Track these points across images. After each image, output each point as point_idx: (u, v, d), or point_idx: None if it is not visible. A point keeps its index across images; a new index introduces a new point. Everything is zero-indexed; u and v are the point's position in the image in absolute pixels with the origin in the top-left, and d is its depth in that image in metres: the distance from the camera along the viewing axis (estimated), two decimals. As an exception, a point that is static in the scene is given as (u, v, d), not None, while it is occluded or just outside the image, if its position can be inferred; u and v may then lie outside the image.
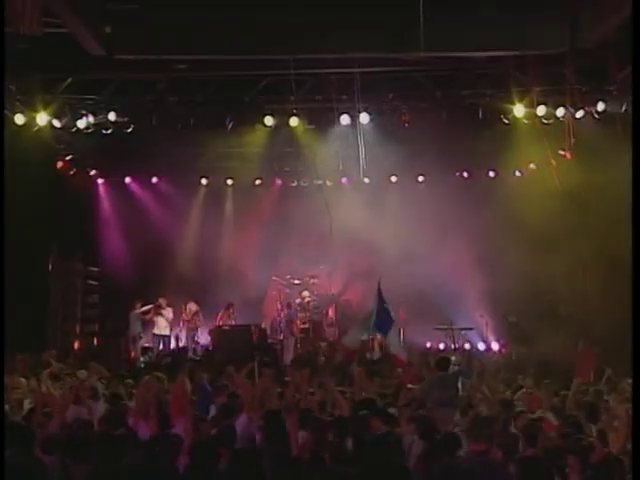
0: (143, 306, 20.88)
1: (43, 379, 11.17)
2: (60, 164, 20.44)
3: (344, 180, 22.04)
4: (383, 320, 16.45)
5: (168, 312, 20.93)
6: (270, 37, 13.60)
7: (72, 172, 21.14)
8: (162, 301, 20.88)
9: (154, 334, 20.81)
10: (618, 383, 11.98)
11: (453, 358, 17.91)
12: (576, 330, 17.43)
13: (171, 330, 21.16)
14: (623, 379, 12.18)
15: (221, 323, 21.33)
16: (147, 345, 20.82)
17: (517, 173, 21.54)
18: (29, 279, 17.38)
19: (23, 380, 11.62)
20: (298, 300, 21.77)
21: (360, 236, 21.97)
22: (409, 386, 11.96)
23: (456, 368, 14.91)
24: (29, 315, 17.30)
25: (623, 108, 15.96)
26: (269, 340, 21.26)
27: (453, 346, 20.00)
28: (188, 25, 13.45)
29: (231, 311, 21.58)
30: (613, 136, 16.01)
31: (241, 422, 9.06)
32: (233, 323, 21.37)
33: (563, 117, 16.69)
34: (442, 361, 12.25)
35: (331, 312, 22.09)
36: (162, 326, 20.86)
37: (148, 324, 21.01)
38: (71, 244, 20.74)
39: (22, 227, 15.64)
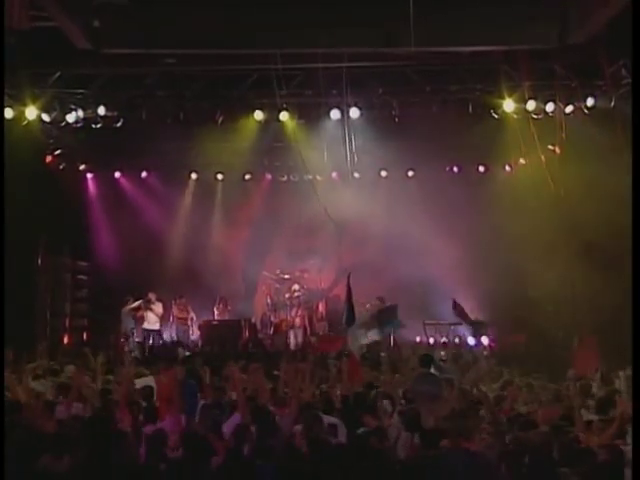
0: (135, 302, 20.83)
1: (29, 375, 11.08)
2: (49, 159, 20.37)
3: (334, 175, 22.03)
4: (349, 316, 16.57)
5: (158, 307, 20.88)
6: (260, 31, 13.55)
7: (61, 167, 21.08)
8: (152, 296, 20.83)
9: (144, 329, 20.77)
10: (610, 377, 12.03)
11: (442, 353, 18.06)
12: (565, 325, 17.53)
13: (161, 325, 21.11)
14: (613, 373, 12.26)
15: (217, 317, 21.34)
16: (137, 340, 20.78)
17: (507, 168, 21.58)
18: (17, 274, 17.29)
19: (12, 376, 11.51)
20: (288, 295, 21.77)
21: (350, 231, 22.03)
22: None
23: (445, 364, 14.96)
24: (17, 310, 17.21)
25: (612, 103, 16.00)
26: (259, 335, 21.29)
27: (443, 341, 20.10)
28: (177, 19, 13.39)
29: (228, 307, 21.62)
30: (602, 131, 16.07)
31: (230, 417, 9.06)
32: (227, 317, 21.42)
33: (553, 112, 16.73)
34: (424, 358, 12.26)
35: (321, 307, 22.12)
36: (152, 321, 20.82)
37: (139, 319, 20.94)
38: (60, 239, 20.68)
39: (10, 222, 15.55)
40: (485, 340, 20.67)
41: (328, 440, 7.95)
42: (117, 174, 22.66)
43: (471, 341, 20.69)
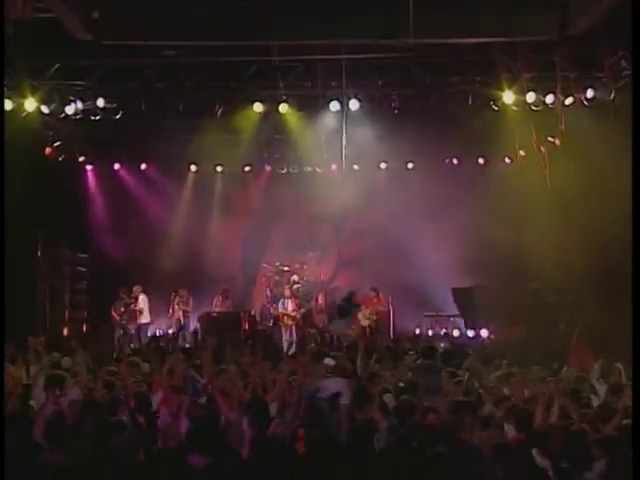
0: (125, 293, 20.56)
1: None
2: (49, 150, 20.33)
3: (333, 167, 21.97)
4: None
5: (143, 300, 20.53)
6: (259, 23, 13.53)
7: (61, 158, 21.05)
8: (136, 289, 20.44)
9: (137, 323, 20.58)
10: (607, 370, 12.02)
11: (442, 345, 18.10)
12: (565, 317, 17.53)
13: (151, 318, 20.83)
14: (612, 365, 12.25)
15: (217, 309, 21.27)
16: (131, 333, 20.66)
17: (507, 160, 21.56)
18: (16, 266, 17.27)
19: (11, 366, 11.52)
20: (287, 287, 21.77)
21: (349, 223, 22.06)
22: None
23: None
24: (16, 302, 17.19)
25: (612, 95, 15.99)
26: (259, 327, 21.29)
27: (443, 332, 20.14)
28: (176, 11, 13.36)
29: (227, 298, 21.54)
30: (602, 123, 16.06)
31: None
32: (227, 310, 21.38)
33: (552, 104, 16.72)
34: (427, 350, 12.24)
35: (321, 299, 22.13)
36: (140, 315, 20.52)
37: (130, 313, 20.69)
38: (59, 231, 20.67)
39: (10, 214, 15.56)
40: (484, 332, 20.71)
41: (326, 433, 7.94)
42: (116, 166, 22.62)
43: (470, 333, 20.74)
